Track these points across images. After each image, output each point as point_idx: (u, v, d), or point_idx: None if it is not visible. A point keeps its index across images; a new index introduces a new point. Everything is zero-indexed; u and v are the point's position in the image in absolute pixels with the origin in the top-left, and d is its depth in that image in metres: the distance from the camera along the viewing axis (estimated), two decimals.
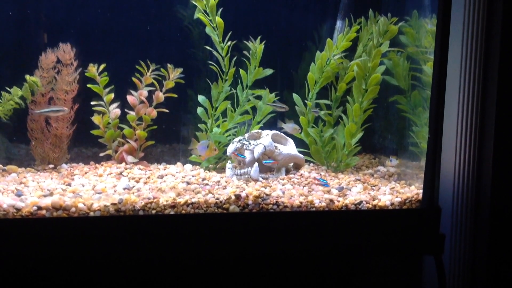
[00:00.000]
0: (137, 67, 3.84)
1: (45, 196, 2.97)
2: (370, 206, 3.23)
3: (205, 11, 3.75)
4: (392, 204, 3.25)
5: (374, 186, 3.59)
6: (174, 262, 2.99)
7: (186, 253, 2.95)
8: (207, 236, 2.97)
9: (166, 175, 3.59)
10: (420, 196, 3.29)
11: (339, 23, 4.13)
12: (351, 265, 3.29)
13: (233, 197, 3.09)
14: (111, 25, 3.88)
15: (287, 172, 3.80)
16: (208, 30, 3.79)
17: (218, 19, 3.74)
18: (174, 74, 3.88)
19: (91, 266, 2.85)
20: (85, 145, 3.96)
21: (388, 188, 3.50)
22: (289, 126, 3.81)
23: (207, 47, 3.85)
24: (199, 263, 3.02)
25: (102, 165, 3.83)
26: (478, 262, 3.36)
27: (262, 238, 3.04)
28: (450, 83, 3.30)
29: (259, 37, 3.83)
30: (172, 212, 2.97)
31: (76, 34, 3.78)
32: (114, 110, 3.85)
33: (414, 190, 3.43)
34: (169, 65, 3.88)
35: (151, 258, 2.93)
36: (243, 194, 3.11)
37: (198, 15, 3.75)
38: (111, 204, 2.90)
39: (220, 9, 3.73)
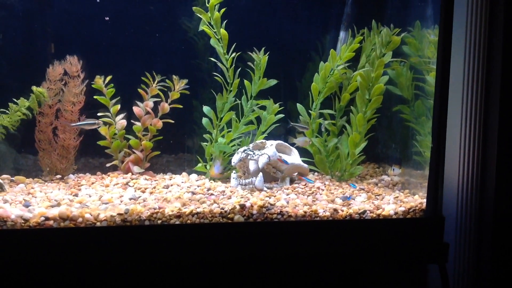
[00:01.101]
0: (143, 78, 3.89)
1: (52, 206, 3.00)
2: (374, 215, 3.25)
3: (209, 23, 3.80)
4: (396, 213, 3.28)
5: (378, 195, 3.61)
6: (179, 271, 3.02)
7: (191, 262, 2.99)
8: (212, 245, 3.00)
9: (171, 185, 3.63)
10: (424, 205, 3.31)
11: (342, 34, 4.17)
12: (355, 274, 3.30)
13: (237, 207, 3.12)
14: (117, 37, 3.94)
15: (292, 181, 3.83)
16: (212, 42, 3.84)
17: (223, 31, 3.79)
18: (179, 85, 3.93)
19: (98, 275, 2.89)
20: (92, 156, 4.00)
21: (392, 198, 3.52)
22: (300, 140, 3.87)
23: (212, 59, 3.89)
24: (204, 272, 3.05)
25: (108, 175, 3.87)
26: (482, 271, 3.38)
27: (266, 247, 3.07)
28: (453, 92, 3.33)
29: (263, 48, 3.87)
30: (177, 222, 3.00)
31: (83, 46, 3.83)
32: (120, 121, 3.90)
33: (418, 200, 3.45)
34: (174, 77, 3.93)
35: (157, 268, 2.96)
36: (248, 204, 3.14)
37: (202, 27, 3.80)
38: (117, 214, 2.93)
39: (225, 22, 3.78)
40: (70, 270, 2.83)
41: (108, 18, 3.82)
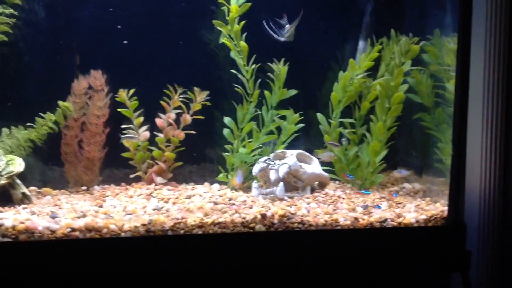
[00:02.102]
0: (165, 91, 3.97)
1: (78, 217, 3.08)
2: (395, 223, 3.26)
3: (229, 36, 3.86)
4: (417, 221, 3.28)
5: (399, 203, 3.61)
6: (202, 280, 3.06)
7: (213, 271, 3.03)
8: (234, 255, 3.04)
9: (194, 195, 3.68)
10: (445, 213, 3.31)
11: (361, 43, 4.19)
12: (378, 283, 3.31)
13: (259, 216, 3.16)
14: (140, 51, 4.03)
15: (312, 190, 3.86)
16: (233, 54, 3.90)
17: (243, 43, 3.85)
18: (200, 96, 4.00)
19: (123, 285, 2.94)
20: (116, 167, 4.09)
21: (413, 206, 3.52)
22: (324, 155, 3.90)
23: (232, 71, 3.95)
24: (226, 281, 3.09)
25: (132, 186, 3.94)
26: (505, 279, 3.35)
27: (287, 256, 3.10)
28: (474, 99, 3.33)
29: (282, 59, 3.92)
30: (200, 232, 3.06)
31: (107, 60, 3.93)
32: (144, 133, 3.98)
33: (439, 207, 3.45)
34: (195, 88, 4.00)
35: (180, 277, 3.01)
36: (269, 214, 3.18)
37: (223, 40, 3.86)
38: (141, 224, 3.00)
39: (244, 34, 3.84)
40: (96, 281, 2.89)
41: (120, 27, 3.90)
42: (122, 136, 3.85)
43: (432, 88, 3.88)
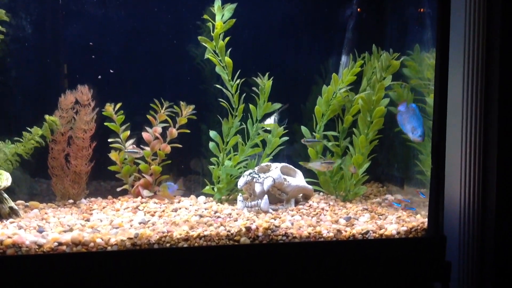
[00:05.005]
0: (151, 105, 4.03)
1: (65, 231, 3.12)
2: (377, 235, 3.33)
3: (214, 51, 3.94)
4: (398, 233, 3.35)
5: (381, 215, 3.69)
6: None
7: (199, 285, 3.07)
8: (219, 267, 3.09)
9: (180, 208, 3.74)
10: (426, 225, 3.38)
11: (344, 58, 4.29)
12: None
13: (243, 229, 3.22)
14: (126, 66, 4.09)
15: (296, 203, 3.93)
16: (218, 69, 3.97)
17: (227, 59, 3.92)
18: (186, 110, 4.06)
19: None
20: (103, 179, 4.13)
21: (395, 217, 3.60)
22: (315, 164, 3.92)
23: (217, 85, 4.02)
24: None
25: (119, 199, 3.99)
26: None
27: (272, 268, 3.15)
28: (452, 113, 3.41)
29: (267, 74, 3.99)
30: (185, 245, 3.11)
31: (93, 76, 3.98)
32: (130, 147, 4.02)
33: (420, 219, 3.53)
34: (181, 103, 4.06)
35: None
36: (253, 226, 3.24)
37: (208, 55, 3.93)
38: (128, 238, 3.04)
39: (229, 50, 3.92)
40: None
41: (92, 44, 3.97)
42: (126, 151, 3.94)
43: (413, 102, 3.97)
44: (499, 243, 3.34)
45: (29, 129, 3.75)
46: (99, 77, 3.96)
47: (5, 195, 3.47)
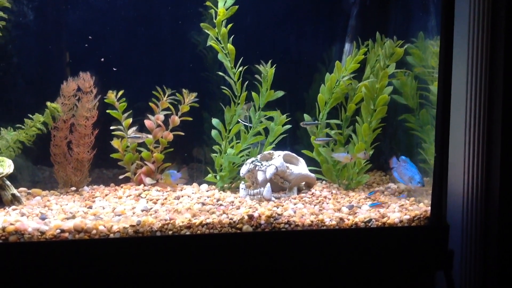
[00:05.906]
0: (153, 92, 4.01)
1: (67, 219, 3.12)
2: (380, 223, 3.32)
3: (217, 38, 3.91)
4: (401, 221, 3.34)
5: (384, 203, 3.67)
6: (190, 281, 3.11)
7: (201, 272, 3.08)
8: (221, 255, 3.10)
9: (182, 196, 3.73)
10: (429, 213, 3.37)
11: (347, 46, 4.26)
12: (362, 282, 3.37)
13: (246, 217, 3.22)
14: (128, 53, 4.07)
15: (299, 191, 3.92)
16: (220, 56, 3.94)
17: (230, 46, 3.90)
18: (189, 98, 4.05)
19: (112, 286, 2.99)
20: (106, 167, 4.13)
21: (398, 206, 3.59)
22: (340, 156, 3.90)
23: (220, 73, 4.00)
24: (214, 281, 3.14)
25: (121, 187, 3.98)
26: (488, 278, 3.43)
27: (274, 256, 3.15)
28: (457, 101, 3.39)
29: (270, 61, 3.97)
30: (188, 233, 3.11)
31: (95, 62, 3.96)
32: (133, 133, 4.01)
33: (423, 207, 3.51)
34: (184, 90, 4.05)
35: (168, 278, 3.06)
36: (256, 214, 3.23)
37: (210, 42, 3.91)
38: (130, 226, 3.04)
39: (232, 37, 3.89)
40: (85, 282, 2.94)
41: (91, 37, 3.95)
42: (128, 136, 3.91)
43: (417, 90, 3.95)
44: (502, 231, 3.33)
45: (31, 116, 3.74)
46: (102, 59, 3.93)
47: (8, 182, 3.47)
